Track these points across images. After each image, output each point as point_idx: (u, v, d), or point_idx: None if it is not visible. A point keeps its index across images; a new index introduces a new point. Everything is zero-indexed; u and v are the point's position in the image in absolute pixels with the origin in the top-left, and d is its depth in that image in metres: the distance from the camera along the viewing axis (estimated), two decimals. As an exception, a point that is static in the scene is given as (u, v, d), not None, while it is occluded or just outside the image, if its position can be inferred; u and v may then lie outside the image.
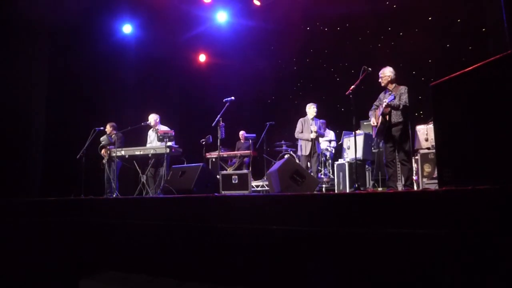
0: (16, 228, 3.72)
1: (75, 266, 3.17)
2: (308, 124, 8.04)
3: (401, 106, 5.83)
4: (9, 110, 7.99)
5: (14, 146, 7.97)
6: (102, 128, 8.25)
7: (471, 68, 2.60)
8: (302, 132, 8.05)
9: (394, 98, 5.82)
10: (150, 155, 7.68)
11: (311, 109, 8.11)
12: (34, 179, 8.43)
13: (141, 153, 7.73)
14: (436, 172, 6.66)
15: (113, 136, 8.40)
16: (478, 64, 2.53)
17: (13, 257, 3.65)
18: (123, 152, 7.84)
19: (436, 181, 6.50)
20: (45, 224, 3.55)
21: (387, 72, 6.11)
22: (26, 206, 3.93)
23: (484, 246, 1.80)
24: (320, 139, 8.75)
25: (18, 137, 8.08)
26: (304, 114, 8.24)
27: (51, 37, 9.13)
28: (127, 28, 11.14)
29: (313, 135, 7.87)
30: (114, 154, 7.92)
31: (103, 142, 8.34)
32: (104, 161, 8.26)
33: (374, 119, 6.21)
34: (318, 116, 8.21)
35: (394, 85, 6.09)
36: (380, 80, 6.17)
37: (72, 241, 3.32)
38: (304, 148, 7.96)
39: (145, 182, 7.75)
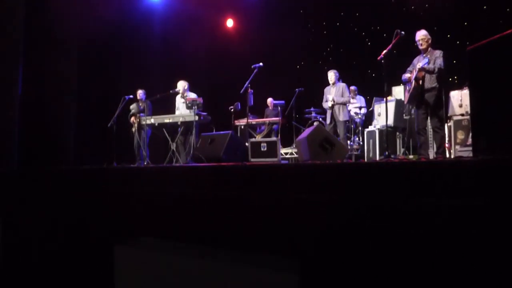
0: (54, 195, 3.85)
1: (110, 233, 3.26)
2: (327, 93, 8.00)
3: (436, 70, 5.62)
4: (43, 80, 8.12)
5: (48, 116, 8.14)
6: (131, 96, 8.33)
7: (510, 31, 2.48)
8: (325, 101, 8.01)
9: (429, 62, 5.62)
10: (179, 123, 7.72)
11: (329, 76, 8.03)
12: (68, 148, 8.61)
13: (171, 121, 7.79)
14: (469, 139, 6.50)
15: (141, 103, 8.49)
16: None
17: (50, 223, 3.79)
18: (152, 120, 7.92)
19: (469, 148, 6.35)
20: (79, 193, 3.66)
21: (426, 34, 5.84)
22: (62, 175, 4.05)
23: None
24: (350, 106, 8.54)
25: (51, 108, 8.22)
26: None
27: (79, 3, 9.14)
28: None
29: (327, 104, 7.84)
30: (143, 122, 8.02)
31: (132, 110, 8.45)
32: (134, 129, 8.37)
33: (408, 74, 5.96)
34: (348, 82, 8.03)
35: (429, 49, 5.85)
36: (419, 43, 5.85)
37: (107, 209, 3.41)
38: (328, 117, 7.99)
39: (175, 149, 7.84)
